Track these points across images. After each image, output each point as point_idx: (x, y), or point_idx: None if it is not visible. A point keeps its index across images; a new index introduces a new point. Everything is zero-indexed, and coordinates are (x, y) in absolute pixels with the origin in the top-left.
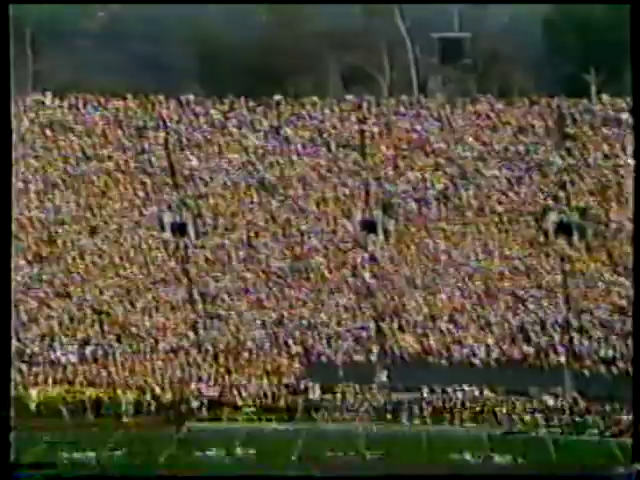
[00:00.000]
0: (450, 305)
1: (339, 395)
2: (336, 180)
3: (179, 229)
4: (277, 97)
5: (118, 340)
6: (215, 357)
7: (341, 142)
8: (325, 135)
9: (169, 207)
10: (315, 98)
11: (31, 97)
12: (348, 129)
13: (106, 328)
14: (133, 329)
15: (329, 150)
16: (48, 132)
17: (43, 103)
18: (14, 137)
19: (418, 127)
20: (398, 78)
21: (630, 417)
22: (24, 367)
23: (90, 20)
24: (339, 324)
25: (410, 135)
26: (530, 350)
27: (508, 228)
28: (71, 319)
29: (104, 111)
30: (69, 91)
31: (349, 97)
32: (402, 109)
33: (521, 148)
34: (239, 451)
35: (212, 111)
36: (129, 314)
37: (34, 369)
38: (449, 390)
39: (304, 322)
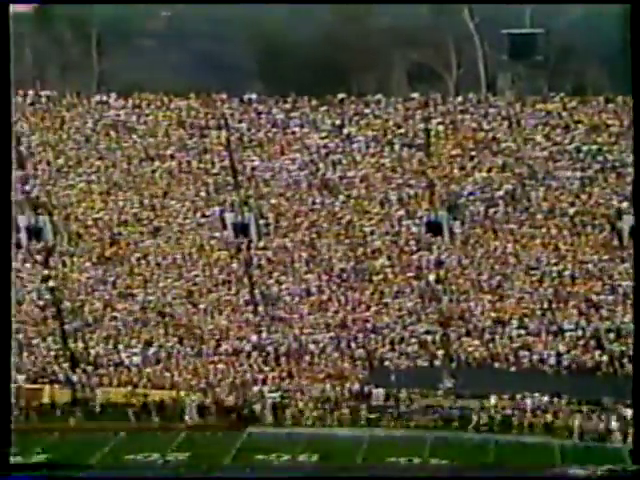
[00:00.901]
0: (519, 310)
1: (403, 400)
2: (400, 180)
3: (241, 230)
4: (341, 95)
5: (180, 342)
6: (277, 360)
7: (406, 141)
8: (389, 134)
9: (231, 208)
10: (379, 96)
11: (95, 98)
12: (413, 128)
13: (169, 330)
14: (196, 331)
15: (393, 149)
16: (112, 133)
17: (107, 104)
18: (79, 137)
19: (486, 126)
20: (465, 76)
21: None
22: (89, 369)
23: (155, 20)
24: (403, 328)
25: (477, 134)
26: (603, 358)
27: (580, 231)
28: (135, 320)
29: (167, 111)
30: (133, 91)
31: (414, 95)
32: (469, 107)
33: (594, 148)
34: (302, 456)
35: (274, 110)
36: (192, 316)
37: (99, 371)
38: (518, 397)
39: (367, 325)
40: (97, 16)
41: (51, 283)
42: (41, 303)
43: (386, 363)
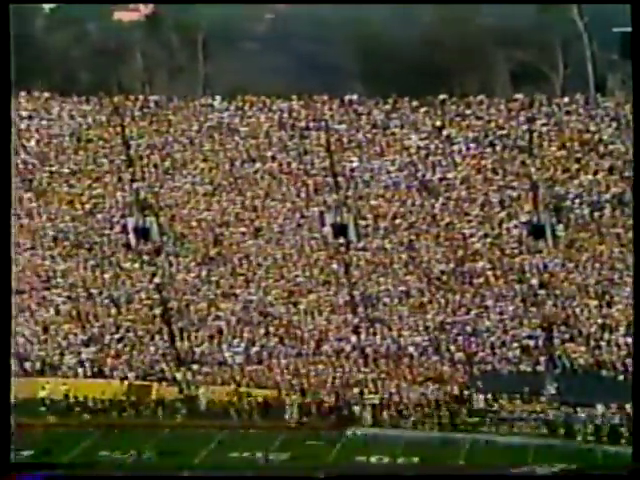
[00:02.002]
0: (627, 316)
1: (504, 406)
2: (502, 182)
3: (340, 231)
4: (442, 96)
5: (281, 342)
6: (376, 362)
7: (508, 143)
8: (491, 135)
9: (330, 208)
10: (482, 97)
11: (200, 101)
12: (516, 129)
13: (270, 330)
14: (296, 331)
15: (495, 151)
16: (216, 135)
17: (212, 106)
18: (184, 140)
19: (592, 127)
20: (572, 76)
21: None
22: (195, 367)
23: (258, 23)
24: (504, 332)
25: (583, 135)
26: None
27: None
28: (238, 320)
29: (269, 113)
30: (236, 94)
31: (518, 96)
32: (576, 108)
33: None
34: (401, 458)
35: (374, 111)
36: (292, 316)
37: (204, 369)
38: (627, 407)
39: (467, 329)
40: (203, 21)
41: (158, 282)
42: (149, 302)
43: (487, 367)
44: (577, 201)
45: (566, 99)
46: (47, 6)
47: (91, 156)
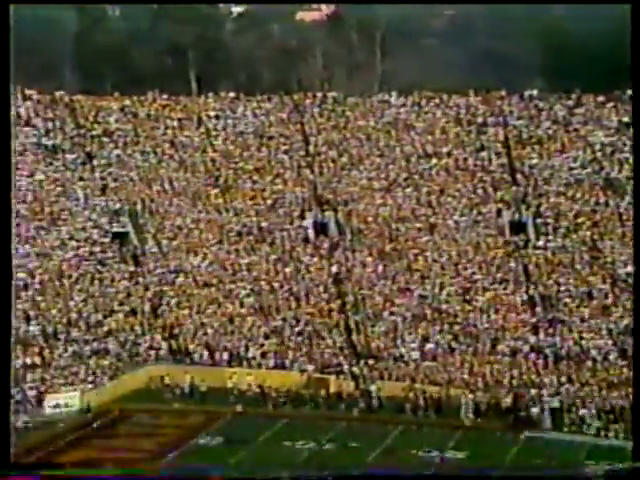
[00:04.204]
0: None
1: None
2: None
3: (517, 228)
4: (629, 91)
5: (456, 339)
6: (556, 363)
7: None
8: None
9: (508, 205)
10: None
11: (377, 97)
12: None
13: (445, 326)
14: (471, 329)
15: None
16: (392, 131)
17: (388, 102)
18: (361, 136)
19: None
20: None
21: None
22: (371, 361)
23: (437, 19)
24: None
25: None
26: None
27: None
28: (413, 316)
29: (445, 109)
30: (413, 90)
31: None
32: None
33: None
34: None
35: (556, 106)
36: (467, 313)
37: (380, 364)
38: None
39: None
40: (382, 18)
41: (336, 277)
42: (327, 296)
43: None
44: None
45: None
46: (235, 9)
47: (273, 153)
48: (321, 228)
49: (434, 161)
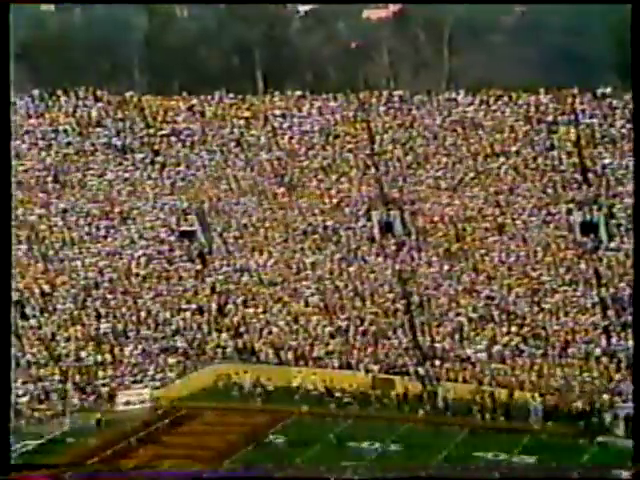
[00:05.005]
0: None
1: None
2: None
3: (590, 229)
4: None
5: (524, 341)
6: (628, 368)
7: None
8: None
9: (579, 206)
10: None
11: (444, 95)
12: None
13: (513, 328)
14: (540, 331)
15: None
16: (459, 129)
17: (455, 101)
18: (427, 134)
19: None
20: None
21: None
22: (437, 362)
23: (507, 16)
24: None
25: None
26: None
27: None
28: (479, 317)
29: (514, 107)
30: (481, 88)
31: None
32: None
33: None
34: None
35: (631, 105)
36: (536, 315)
37: (446, 365)
38: None
39: None
40: (450, 16)
41: (401, 276)
42: (392, 296)
43: None
44: None
45: None
46: (302, 8)
47: (338, 151)
48: (386, 227)
49: (502, 160)
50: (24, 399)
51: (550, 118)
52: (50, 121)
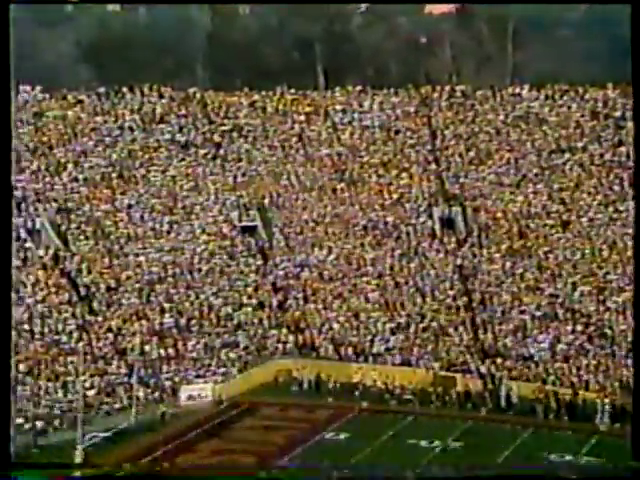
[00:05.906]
0: None
1: None
2: None
3: None
4: None
5: (590, 340)
6: None
7: None
8: None
9: None
10: None
11: (508, 90)
12: None
13: (577, 327)
14: (607, 330)
15: None
16: (523, 124)
17: (520, 95)
18: (490, 130)
19: None
20: None
21: None
22: (499, 360)
23: (573, 9)
24: None
25: None
26: None
27: None
28: (543, 315)
29: (581, 102)
30: (546, 82)
31: None
32: None
33: None
34: None
35: None
36: (602, 314)
37: (508, 363)
38: None
39: None
40: (514, 10)
41: (463, 273)
42: (453, 293)
43: None
44: None
45: None
46: (363, 5)
47: (399, 147)
48: (448, 223)
49: (567, 156)
50: (92, 392)
51: (618, 114)
52: (115, 118)
